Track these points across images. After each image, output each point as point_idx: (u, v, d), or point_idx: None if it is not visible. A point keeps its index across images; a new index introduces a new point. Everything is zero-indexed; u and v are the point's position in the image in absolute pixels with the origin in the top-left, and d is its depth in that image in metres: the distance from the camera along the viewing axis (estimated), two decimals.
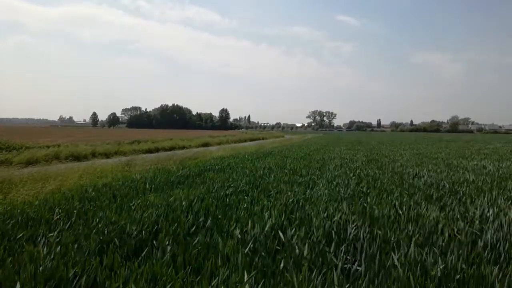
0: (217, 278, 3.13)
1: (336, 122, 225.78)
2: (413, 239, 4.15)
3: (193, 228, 4.55)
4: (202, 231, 4.44)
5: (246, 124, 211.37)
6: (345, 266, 3.48)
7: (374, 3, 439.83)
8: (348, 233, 4.33)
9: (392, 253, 3.71)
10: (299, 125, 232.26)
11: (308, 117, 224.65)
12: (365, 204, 5.98)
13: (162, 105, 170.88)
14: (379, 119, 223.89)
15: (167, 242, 4.00)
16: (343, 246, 3.91)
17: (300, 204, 6.03)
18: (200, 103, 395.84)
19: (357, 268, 3.42)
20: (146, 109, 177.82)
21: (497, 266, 3.41)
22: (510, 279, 3.17)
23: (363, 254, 3.72)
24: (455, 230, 4.56)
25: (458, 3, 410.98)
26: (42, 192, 7.27)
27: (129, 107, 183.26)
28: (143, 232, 4.35)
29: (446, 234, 4.37)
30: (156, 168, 11.58)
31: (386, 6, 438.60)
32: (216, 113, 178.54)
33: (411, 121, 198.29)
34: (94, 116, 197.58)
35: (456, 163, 13.79)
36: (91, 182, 8.59)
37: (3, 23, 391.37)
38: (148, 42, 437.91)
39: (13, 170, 10.78)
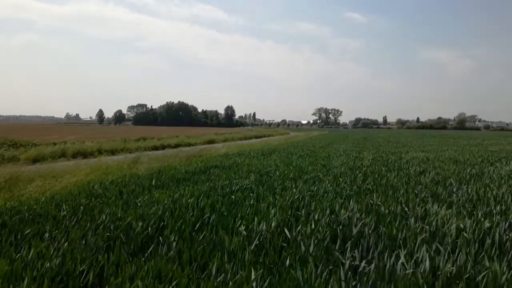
0: (223, 274, 3.12)
1: (342, 119, 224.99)
2: (420, 236, 4.12)
3: (199, 225, 4.56)
4: (207, 228, 4.44)
5: (251, 122, 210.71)
6: (351, 263, 3.46)
7: None
8: (354, 230, 4.31)
9: (399, 250, 3.68)
10: (304, 122, 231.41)
11: (314, 114, 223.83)
12: (371, 201, 5.95)
13: (167, 102, 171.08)
14: (385, 116, 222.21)
15: (172, 239, 4.01)
16: (349, 243, 3.89)
17: (306, 201, 6.01)
18: (205, 100, 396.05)
19: (364, 265, 3.40)
20: (152, 106, 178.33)
21: (506, 265, 3.37)
22: None
23: (370, 252, 3.70)
24: (462, 227, 4.51)
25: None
26: (49, 189, 7.31)
27: (135, 104, 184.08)
28: (149, 228, 4.36)
29: (454, 232, 4.33)
30: (162, 165, 11.61)
31: (393, 2, 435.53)
32: (221, 111, 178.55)
33: (418, 118, 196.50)
34: (100, 113, 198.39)
35: (463, 160, 13.67)
36: (97, 179, 8.63)
37: (11, 21, 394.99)
38: (154, 40, 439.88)
39: (21, 167, 10.87)
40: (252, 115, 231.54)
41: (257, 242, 3.89)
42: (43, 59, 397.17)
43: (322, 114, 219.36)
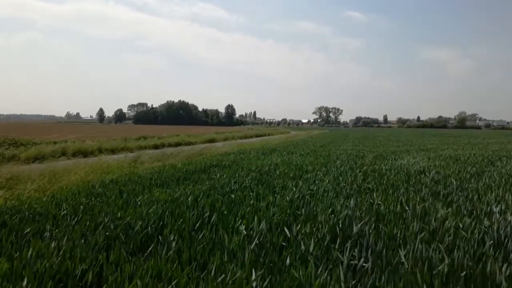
0: (223, 274, 3.12)
1: (342, 118, 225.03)
2: (420, 235, 4.12)
3: (199, 224, 4.56)
4: (207, 227, 4.44)
5: (252, 120, 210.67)
6: (351, 262, 3.46)
7: None
8: (354, 229, 4.31)
9: (399, 249, 3.68)
10: (305, 121, 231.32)
11: (314, 113, 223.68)
12: (371, 200, 5.95)
13: (168, 101, 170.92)
14: (386, 115, 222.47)
15: (172, 238, 4.01)
16: (349, 242, 3.89)
17: (306, 200, 6.01)
18: (206, 99, 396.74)
19: (364, 264, 3.40)
20: (152, 105, 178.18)
21: (506, 264, 3.37)
22: None
23: (369, 251, 3.70)
24: (462, 226, 4.51)
25: None
26: (49, 188, 7.32)
27: (135, 103, 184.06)
28: (149, 227, 4.36)
29: (453, 231, 4.32)
30: (162, 164, 11.62)
31: (393, 2, 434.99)
32: (222, 110, 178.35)
33: (418, 117, 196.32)
34: (101, 112, 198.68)
35: (464, 159, 13.65)
36: (97, 178, 8.64)
37: (11, 20, 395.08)
38: (154, 39, 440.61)
39: (21, 166, 10.88)
40: (252, 114, 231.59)
41: (257, 241, 3.89)
42: (43, 58, 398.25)
43: (323, 113, 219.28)
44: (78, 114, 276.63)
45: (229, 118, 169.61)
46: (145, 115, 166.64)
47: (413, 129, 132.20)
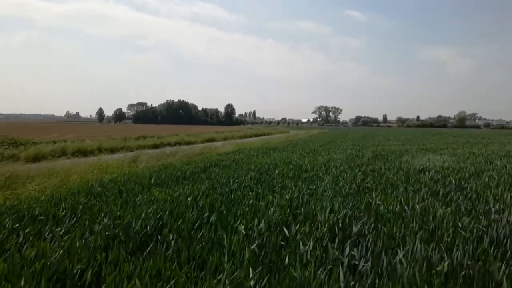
0: (221, 273, 3.12)
1: (342, 117, 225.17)
2: (419, 235, 4.12)
3: (198, 224, 4.56)
4: (206, 227, 4.44)
5: (251, 120, 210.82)
6: (351, 262, 3.46)
7: None
8: (353, 229, 4.31)
9: (398, 249, 3.68)
10: (304, 120, 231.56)
11: (314, 112, 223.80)
12: (370, 200, 5.95)
13: (168, 100, 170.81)
14: (385, 115, 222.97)
15: (171, 238, 4.01)
16: (348, 242, 3.89)
17: (305, 199, 6.01)
18: (206, 99, 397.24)
19: (363, 264, 3.40)
20: (152, 104, 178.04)
21: (504, 263, 3.37)
22: None
23: (369, 250, 3.70)
24: (461, 226, 4.51)
25: None
26: (48, 187, 7.31)
27: (135, 103, 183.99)
28: (148, 227, 4.36)
29: (452, 230, 4.32)
30: (161, 164, 11.61)
31: (393, 1, 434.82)
32: (221, 109, 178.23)
33: (418, 117, 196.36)
34: (100, 111, 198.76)
35: (463, 158, 13.65)
36: (97, 177, 8.63)
37: (12, 20, 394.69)
38: (154, 38, 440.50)
39: (20, 165, 10.87)
40: (252, 113, 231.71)
41: (256, 241, 3.89)
42: (43, 58, 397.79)
43: (322, 112, 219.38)
44: (77, 113, 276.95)
45: (228, 117, 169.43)
46: (145, 115, 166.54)
47: (412, 128, 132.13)
